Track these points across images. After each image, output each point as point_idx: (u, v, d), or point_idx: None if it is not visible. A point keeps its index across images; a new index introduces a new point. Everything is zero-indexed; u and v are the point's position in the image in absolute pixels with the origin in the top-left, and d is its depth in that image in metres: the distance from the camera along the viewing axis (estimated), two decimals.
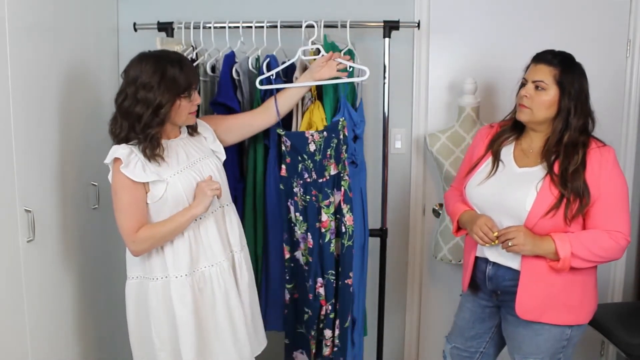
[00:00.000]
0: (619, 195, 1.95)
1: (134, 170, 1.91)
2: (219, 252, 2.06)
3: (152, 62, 1.92)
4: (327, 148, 2.26)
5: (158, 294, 2.00)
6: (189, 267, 2.00)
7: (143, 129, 1.91)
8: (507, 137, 2.12)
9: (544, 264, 1.96)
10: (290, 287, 2.43)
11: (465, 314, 2.25)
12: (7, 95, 1.93)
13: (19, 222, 2.00)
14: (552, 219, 1.92)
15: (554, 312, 1.99)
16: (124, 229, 1.95)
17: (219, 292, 2.04)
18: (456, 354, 2.29)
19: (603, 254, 1.94)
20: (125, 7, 2.80)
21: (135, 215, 1.95)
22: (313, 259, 2.32)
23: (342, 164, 2.29)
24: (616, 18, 2.74)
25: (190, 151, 2.06)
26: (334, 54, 2.22)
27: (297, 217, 2.34)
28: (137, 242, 1.95)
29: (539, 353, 2.04)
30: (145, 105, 1.90)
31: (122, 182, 1.93)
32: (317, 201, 2.30)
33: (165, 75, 1.90)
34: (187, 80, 1.95)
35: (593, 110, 2.01)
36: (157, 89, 1.89)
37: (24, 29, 2.01)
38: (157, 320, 2.01)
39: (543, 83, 1.97)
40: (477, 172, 2.12)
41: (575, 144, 1.95)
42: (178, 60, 1.96)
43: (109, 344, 2.61)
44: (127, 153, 1.92)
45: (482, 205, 2.07)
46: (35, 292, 2.10)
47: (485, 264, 2.10)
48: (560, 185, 1.92)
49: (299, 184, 2.30)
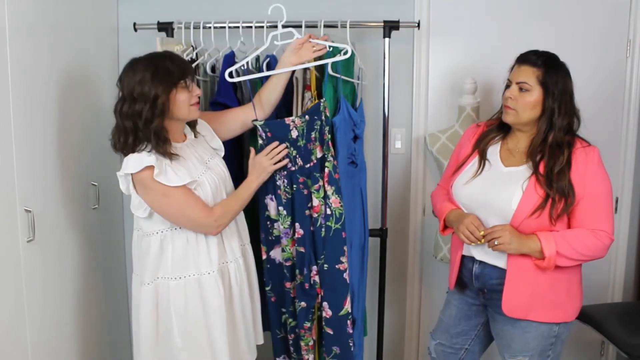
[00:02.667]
0: (603, 195, 1.97)
1: (166, 175, 1.92)
2: (236, 248, 2.12)
3: (143, 61, 1.95)
4: (310, 131, 2.21)
5: (185, 292, 2.01)
6: (218, 262, 2.04)
7: (145, 124, 1.91)
8: (493, 136, 2.13)
9: (530, 263, 1.98)
10: (268, 290, 2.37)
11: (452, 311, 2.27)
12: (7, 95, 1.93)
13: (19, 222, 2.00)
14: (538, 218, 1.94)
15: (541, 309, 2.02)
16: (198, 216, 1.97)
17: (236, 287, 2.09)
18: (441, 351, 2.31)
19: (587, 252, 1.96)
20: (125, 7, 2.80)
21: (198, 200, 1.97)
22: (306, 248, 2.27)
23: (327, 145, 2.25)
24: (616, 18, 2.74)
25: (200, 153, 2.08)
26: (311, 35, 2.17)
27: (280, 212, 2.27)
28: (216, 220, 1.99)
29: (528, 350, 2.06)
30: (143, 101, 1.90)
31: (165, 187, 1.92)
32: (305, 187, 2.24)
33: (157, 68, 1.92)
34: (180, 70, 1.96)
35: (578, 109, 2.02)
36: (151, 82, 1.90)
37: (24, 29, 2.01)
38: (183, 320, 2.02)
39: (527, 84, 1.98)
40: (464, 171, 2.13)
41: (560, 144, 1.97)
42: (168, 55, 1.99)
43: (109, 343, 2.61)
44: (154, 159, 1.91)
45: (468, 204, 2.09)
46: (35, 292, 2.09)
47: (472, 263, 2.12)
48: (546, 185, 1.94)
49: (283, 176, 2.24)
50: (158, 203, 1.95)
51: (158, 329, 2.04)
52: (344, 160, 2.35)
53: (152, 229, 2.02)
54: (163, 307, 2.03)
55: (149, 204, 1.97)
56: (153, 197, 1.94)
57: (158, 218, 2.00)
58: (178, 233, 2.01)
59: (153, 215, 2.00)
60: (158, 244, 2.01)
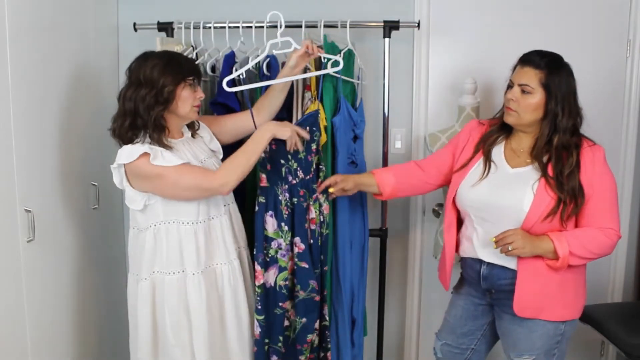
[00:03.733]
0: (609, 193, 1.99)
1: (163, 157, 1.91)
2: (232, 250, 2.10)
3: (156, 54, 1.99)
4: (311, 143, 2.22)
5: (174, 287, 2.02)
6: (205, 263, 2.03)
7: (146, 109, 1.91)
8: (496, 137, 2.12)
9: (540, 263, 1.97)
10: (261, 319, 2.16)
11: (457, 311, 2.26)
12: (7, 95, 1.93)
13: (19, 222, 2.00)
14: (551, 222, 1.94)
15: (551, 308, 2.02)
16: (200, 181, 1.95)
17: (228, 289, 2.08)
18: (447, 351, 2.30)
19: (598, 250, 1.98)
20: (125, 7, 2.80)
21: (194, 168, 1.97)
22: (307, 262, 2.21)
23: (318, 153, 2.26)
24: (616, 18, 2.74)
25: (195, 152, 2.08)
26: (309, 46, 2.14)
27: (282, 228, 2.18)
28: (222, 179, 1.95)
29: (534, 350, 2.05)
30: (150, 87, 1.92)
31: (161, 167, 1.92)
32: (305, 200, 2.22)
33: (170, 60, 1.96)
34: (191, 68, 1.99)
35: (581, 107, 2.01)
36: (162, 70, 1.93)
37: (24, 29, 2.01)
38: (175, 316, 2.02)
39: (529, 87, 1.96)
40: (469, 174, 2.11)
41: (567, 146, 1.97)
42: (181, 54, 2.05)
43: (109, 343, 2.61)
44: (148, 147, 1.91)
45: (477, 206, 2.07)
46: (35, 292, 2.10)
47: (479, 264, 2.11)
48: (557, 189, 1.94)
49: (284, 190, 2.19)
50: (159, 186, 1.95)
51: (155, 324, 2.05)
52: (344, 160, 2.35)
53: (147, 223, 2.02)
54: (159, 302, 2.03)
55: (150, 190, 1.97)
56: (151, 182, 1.95)
57: (153, 210, 2.00)
58: (172, 227, 2.01)
59: (147, 207, 2.00)
60: (152, 238, 2.02)
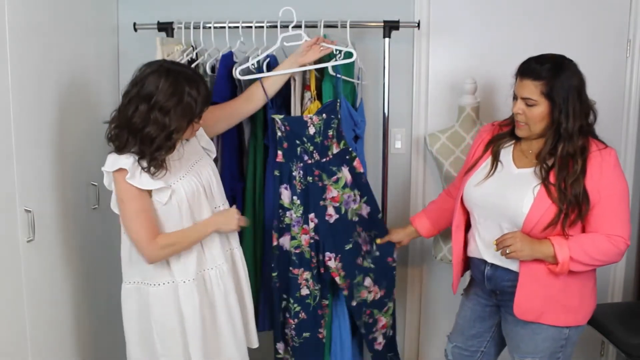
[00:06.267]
0: (619, 199, 1.93)
1: (140, 179, 1.88)
2: (218, 255, 2.07)
3: (171, 82, 1.85)
4: (327, 129, 2.25)
5: (162, 299, 1.99)
6: (196, 271, 2.01)
7: (154, 151, 1.87)
8: (507, 139, 2.10)
9: (542, 267, 1.95)
10: (274, 275, 2.37)
11: (466, 313, 2.26)
12: (7, 95, 1.93)
13: (19, 222, 2.00)
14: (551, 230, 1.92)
15: (553, 313, 2.00)
16: (139, 236, 1.92)
17: (218, 293, 2.05)
18: (458, 353, 2.30)
19: (602, 257, 1.94)
20: (125, 7, 2.79)
21: (148, 221, 1.92)
22: (320, 235, 2.29)
23: (344, 140, 2.31)
24: (616, 18, 2.74)
25: (186, 154, 2.04)
26: (319, 38, 2.20)
27: (294, 201, 2.30)
28: (155, 249, 1.92)
29: (537, 352, 2.04)
30: (160, 129, 1.85)
31: (129, 191, 1.89)
32: (320, 180, 2.28)
33: (182, 99, 1.85)
34: (203, 104, 1.92)
35: (594, 101, 1.96)
36: (174, 113, 1.85)
37: (24, 29, 2.01)
38: (160, 326, 2.00)
39: (531, 100, 1.93)
40: (476, 172, 2.11)
41: (573, 153, 1.91)
42: (195, 80, 1.90)
43: (108, 344, 2.61)
44: (131, 162, 1.87)
45: (481, 205, 2.07)
46: (35, 292, 2.09)
47: (483, 264, 2.10)
48: (558, 199, 1.89)
49: (299, 167, 2.28)
50: (119, 205, 1.94)
51: (141, 331, 2.04)
52: None
53: None
54: (144, 312, 2.02)
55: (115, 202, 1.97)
56: (117, 196, 1.94)
57: None
58: None
59: None
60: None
